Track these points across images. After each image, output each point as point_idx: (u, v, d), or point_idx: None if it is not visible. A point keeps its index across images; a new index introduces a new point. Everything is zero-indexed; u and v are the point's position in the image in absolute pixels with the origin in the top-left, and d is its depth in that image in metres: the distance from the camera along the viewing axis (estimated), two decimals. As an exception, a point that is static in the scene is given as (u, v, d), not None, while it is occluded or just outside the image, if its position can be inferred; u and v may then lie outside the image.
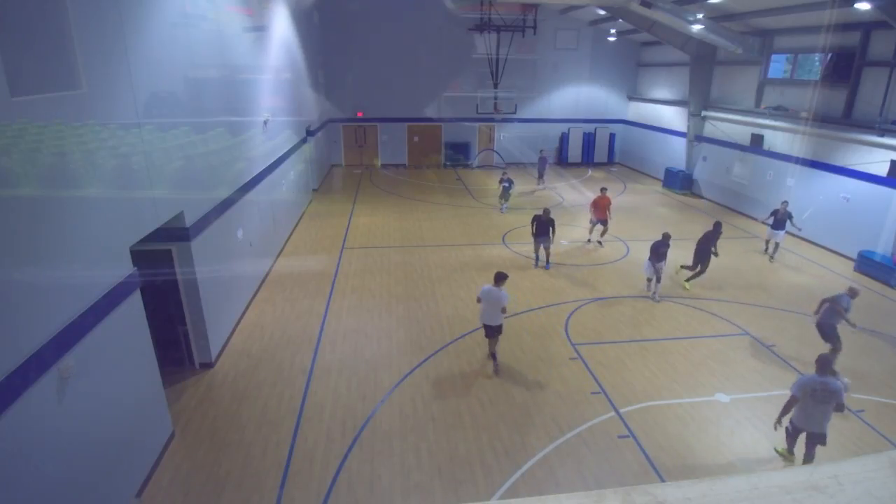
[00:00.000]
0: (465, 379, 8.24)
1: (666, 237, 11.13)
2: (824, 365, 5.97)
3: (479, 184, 22.50)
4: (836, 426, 7.24)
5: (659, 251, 10.97)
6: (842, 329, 8.48)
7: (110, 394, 5.51)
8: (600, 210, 14.31)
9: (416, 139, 26.15)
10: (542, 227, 12.39)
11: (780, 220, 13.19)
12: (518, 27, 22.90)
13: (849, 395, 6.14)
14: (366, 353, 8.98)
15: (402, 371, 8.44)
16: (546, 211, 12.45)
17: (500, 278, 8.21)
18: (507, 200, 18.05)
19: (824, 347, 9.26)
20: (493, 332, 8.33)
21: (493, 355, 8.54)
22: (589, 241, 14.72)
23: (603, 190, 14.78)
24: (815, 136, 14.83)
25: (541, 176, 21.76)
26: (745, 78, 18.38)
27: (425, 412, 7.43)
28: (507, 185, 17.89)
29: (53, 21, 4.91)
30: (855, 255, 13.24)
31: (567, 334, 9.71)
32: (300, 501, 5.87)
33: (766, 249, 14.11)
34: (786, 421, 6.37)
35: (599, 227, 14.44)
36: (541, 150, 22.33)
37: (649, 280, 11.39)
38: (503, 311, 8.08)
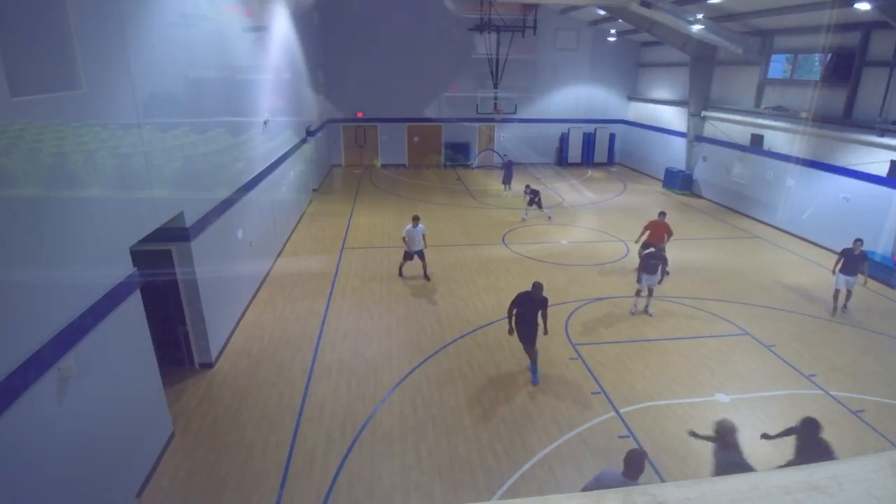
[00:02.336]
0: (465, 379, 8.24)
1: (660, 250, 10.54)
2: (635, 465, 4.59)
3: (478, 184, 22.49)
4: (836, 426, 7.25)
5: (649, 263, 10.04)
6: (836, 328, 8.48)
7: (110, 394, 5.51)
8: (656, 235, 11.72)
9: (415, 139, 26.15)
10: (530, 309, 7.87)
11: (852, 262, 10.36)
12: (518, 27, 22.91)
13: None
14: (366, 353, 8.98)
15: (402, 371, 8.44)
16: (537, 287, 7.80)
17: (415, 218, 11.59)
18: (529, 209, 16.92)
19: (825, 347, 9.28)
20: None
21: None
22: (634, 309, 10.57)
23: (661, 215, 11.96)
24: (815, 137, 14.83)
25: (506, 182, 20.44)
26: (745, 78, 18.38)
27: (425, 412, 7.43)
28: (532, 196, 16.41)
29: (53, 21, 4.90)
30: (855, 256, 13.23)
31: (567, 334, 9.70)
32: (300, 501, 5.87)
33: (835, 307, 10.67)
34: None
35: (647, 284, 10.27)
36: (504, 155, 21.96)
37: (639, 292, 10.44)
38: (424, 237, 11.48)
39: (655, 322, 10.21)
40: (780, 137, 16.40)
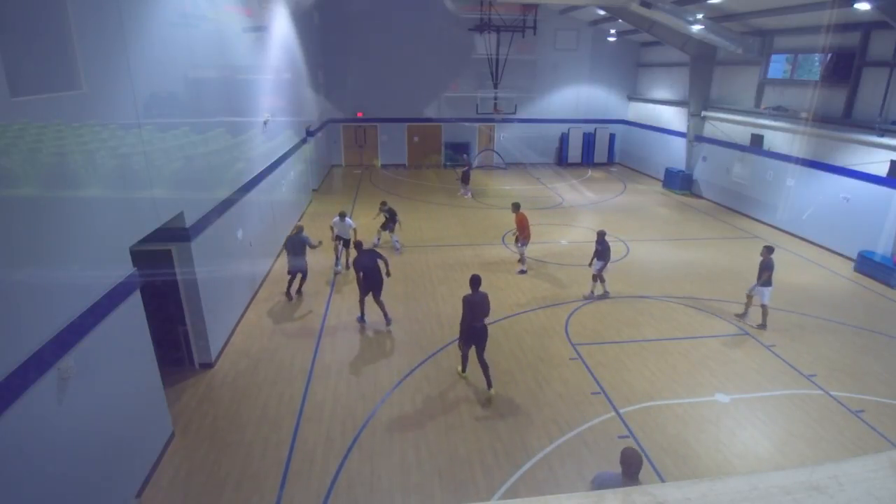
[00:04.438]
0: (465, 379, 8.23)
1: (599, 234, 10.99)
2: (632, 465, 4.36)
3: (478, 184, 22.47)
4: (836, 426, 7.25)
5: (595, 249, 10.83)
6: (835, 328, 8.47)
7: (110, 394, 5.51)
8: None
9: (415, 139, 26.15)
10: (479, 313, 7.65)
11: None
12: (518, 27, 22.91)
13: None
14: (366, 353, 8.98)
15: (402, 371, 8.43)
16: (475, 281, 7.75)
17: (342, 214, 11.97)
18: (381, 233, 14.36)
19: (825, 347, 9.28)
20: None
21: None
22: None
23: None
24: (815, 137, 14.83)
25: (464, 181, 19.98)
26: (745, 78, 18.38)
27: (425, 412, 7.42)
28: (387, 216, 13.90)
29: (53, 21, 4.90)
30: (855, 256, 13.23)
31: (567, 334, 9.70)
32: (300, 501, 5.87)
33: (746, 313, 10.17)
34: None
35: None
36: (464, 155, 21.72)
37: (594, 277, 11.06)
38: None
39: (655, 322, 10.21)
40: (779, 137, 16.40)
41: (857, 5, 11.40)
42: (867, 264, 12.73)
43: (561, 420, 7.28)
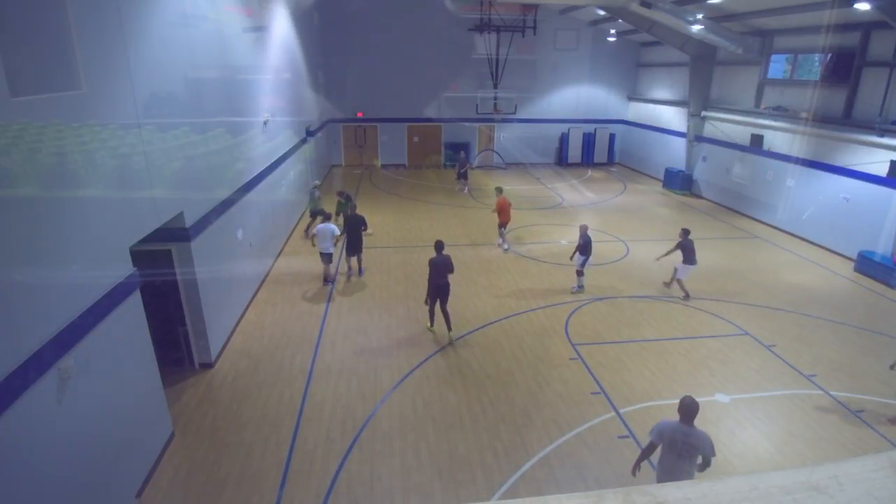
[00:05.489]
0: (465, 379, 8.24)
1: (581, 228, 11.31)
2: (689, 412, 4.87)
3: (478, 184, 22.48)
4: (836, 426, 7.25)
5: (578, 244, 11.24)
6: (836, 328, 8.47)
7: (110, 394, 5.51)
8: None
9: (415, 139, 26.15)
10: (441, 272, 9.25)
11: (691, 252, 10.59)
12: (518, 27, 22.91)
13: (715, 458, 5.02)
14: (366, 353, 8.98)
15: (402, 371, 8.44)
16: (439, 246, 9.52)
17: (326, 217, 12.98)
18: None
19: (825, 347, 9.28)
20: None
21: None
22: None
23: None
24: (814, 137, 14.83)
25: (460, 177, 20.91)
26: (745, 78, 18.38)
27: (425, 412, 7.43)
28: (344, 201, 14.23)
29: (53, 21, 4.90)
30: (855, 256, 13.23)
31: (567, 334, 9.70)
32: (300, 501, 5.87)
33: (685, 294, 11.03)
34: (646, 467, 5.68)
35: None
36: (461, 153, 21.90)
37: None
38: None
39: (655, 322, 10.21)
40: (779, 137, 16.40)
41: (857, 5, 11.41)
42: (867, 264, 12.74)
43: (561, 420, 7.29)
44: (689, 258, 10.98)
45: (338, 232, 11.56)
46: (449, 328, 9.39)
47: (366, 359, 8.78)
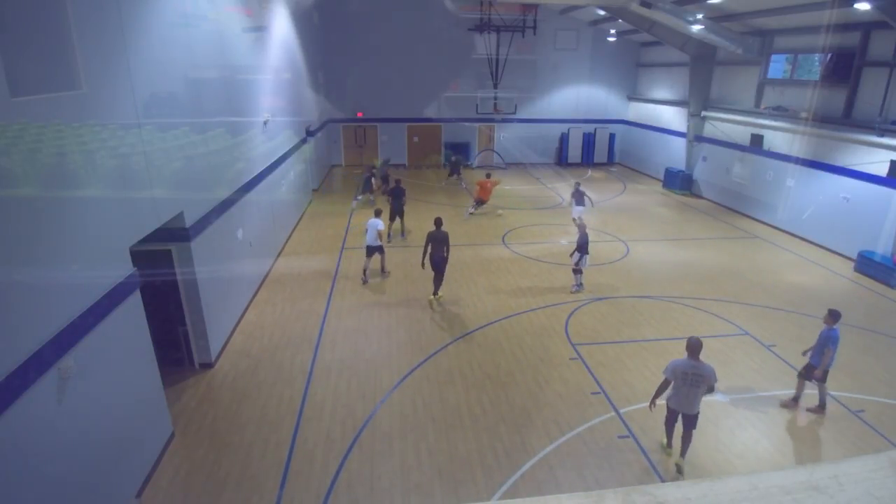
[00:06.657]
0: (465, 379, 8.24)
1: (576, 184, 11.94)
2: (694, 349, 6.18)
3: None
4: (836, 426, 7.25)
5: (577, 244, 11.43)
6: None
7: (110, 394, 5.51)
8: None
9: (415, 139, 26.14)
10: (438, 247, 10.62)
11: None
12: (518, 27, 22.91)
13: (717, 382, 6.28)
14: (366, 353, 8.98)
15: (402, 371, 8.44)
16: (438, 222, 10.89)
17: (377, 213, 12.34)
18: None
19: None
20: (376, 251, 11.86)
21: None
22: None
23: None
24: (814, 137, 14.83)
25: (454, 173, 21.67)
26: (745, 78, 18.38)
27: (425, 412, 7.43)
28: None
29: (53, 21, 4.90)
30: (855, 256, 13.23)
31: (567, 334, 9.70)
32: (300, 501, 5.87)
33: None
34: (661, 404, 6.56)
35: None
36: (452, 157, 22.07)
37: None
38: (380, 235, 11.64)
39: (655, 322, 10.21)
40: (779, 137, 16.40)
41: (857, 5, 11.40)
42: (867, 264, 12.74)
43: (561, 420, 7.28)
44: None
45: (383, 227, 11.83)
46: (435, 293, 10.63)
47: (366, 359, 8.78)
